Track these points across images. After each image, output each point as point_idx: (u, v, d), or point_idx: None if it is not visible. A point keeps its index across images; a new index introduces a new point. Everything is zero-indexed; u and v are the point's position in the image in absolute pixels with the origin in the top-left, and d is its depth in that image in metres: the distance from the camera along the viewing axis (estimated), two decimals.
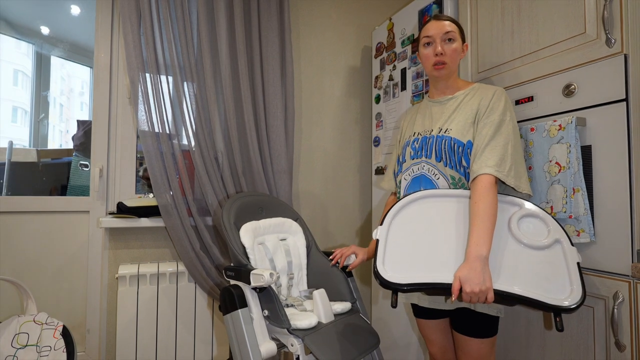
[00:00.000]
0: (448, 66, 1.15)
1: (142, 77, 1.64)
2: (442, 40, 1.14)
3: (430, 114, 1.21)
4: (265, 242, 1.32)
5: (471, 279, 0.89)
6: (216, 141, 1.79)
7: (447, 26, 1.14)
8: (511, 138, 1.05)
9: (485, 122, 1.07)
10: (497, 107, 1.08)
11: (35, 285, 1.64)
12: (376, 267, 0.98)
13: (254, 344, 1.05)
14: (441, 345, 1.24)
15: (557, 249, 0.97)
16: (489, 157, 1.03)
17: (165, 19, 1.68)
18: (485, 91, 1.13)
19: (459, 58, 1.17)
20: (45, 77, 2.31)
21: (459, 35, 1.16)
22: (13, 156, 1.95)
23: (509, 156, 1.03)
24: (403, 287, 0.94)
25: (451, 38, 1.14)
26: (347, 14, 2.26)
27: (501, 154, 1.03)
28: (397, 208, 1.09)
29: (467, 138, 1.10)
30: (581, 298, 0.88)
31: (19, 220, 1.63)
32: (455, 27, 1.15)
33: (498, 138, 1.05)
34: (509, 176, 1.02)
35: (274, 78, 1.87)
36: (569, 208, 1.07)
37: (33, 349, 1.29)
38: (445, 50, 1.14)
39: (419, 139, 1.19)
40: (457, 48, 1.15)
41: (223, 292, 1.11)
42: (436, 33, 1.15)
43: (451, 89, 1.20)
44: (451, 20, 1.16)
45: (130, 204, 1.67)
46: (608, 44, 1.04)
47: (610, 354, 1.02)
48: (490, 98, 1.10)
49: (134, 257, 1.77)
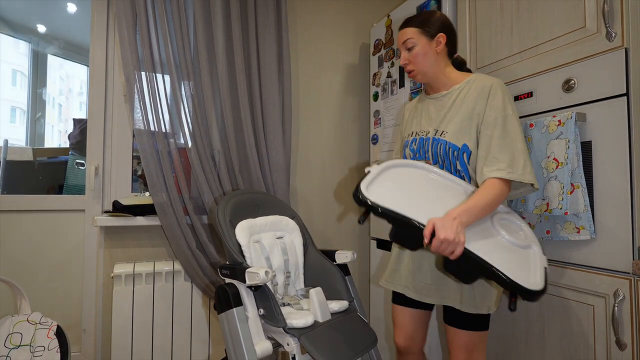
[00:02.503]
0: (417, 71, 1.15)
1: (138, 75, 1.63)
2: (404, 50, 1.16)
3: (428, 112, 1.19)
4: (262, 240, 1.30)
5: (446, 228, 0.88)
6: (213, 139, 1.78)
7: (404, 35, 1.14)
8: (518, 133, 1.03)
9: (487, 123, 1.05)
10: (496, 103, 1.05)
11: (30, 285, 1.62)
12: (359, 185, 0.98)
13: (249, 343, 1.03)
14: (409, 335, 1.21)
15: (529, 251, 0.99)
16: (500, 159, 1.01)
17: (161, 17, 1.67)
18: (481, 86, 1.08)
19: (430, 57, 1.13)
20: (41, 74, 2.29)
21: (421, 35, 1.13)
22: (8, 155, 1.94)
23: (520, 153, 1.01)
24: (378, 208, 0.93)
25: (409, 46, 1.14)
26: (344, 11, 2.25)
27: (511, 153, 1.01)
28: (398, 163, 1.09)
29: (463, 142, 1.08)
30: (541, 289, 0.88)
31: (14, 219, 1.62)
32: (414, 31, 1.13)
33: (505, 137, 1.02)
34: (524, 174, 1.00)
35: (271, 75, 1.85)
36: (565, 205, 1.05)
37: (26, 349, 1.28)
38: (408, 58, 1.15)
39: (416, 139, 1.19)
40: (419, 52, 1.12)
41: (218, 291, 1.09)
42: (399, 44, 1.17)
43: (444, 84, 1.17)
44: (412, 23, 1.14)
45: (126, 202, 1.66)
46: (608, 37, 1.03)
47: (611, 353, 1.00)
48: (487, 95, 1.06)
49: (130, 256, 1.75)
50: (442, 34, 1.13)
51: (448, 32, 1.15)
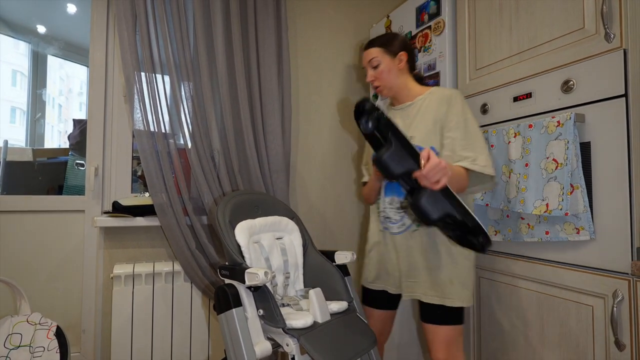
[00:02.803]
0: (383, 86, 1.27)
1: (138, 76, 1.63)
2: (370, 68, 1.28)
3: (399, 122, 1.29)
4: (261, 240, 1.30)
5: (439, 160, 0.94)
6: (212, 140, 1.78)
7: (370, 54, 1.27)
8: (479, 133, 1.16)
9: (450, 127, 1.17)
10: (457, 110, 1.17)
11: (29, 285, 1.62)
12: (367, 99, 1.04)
13: (248, 343, 1.03)
14: (378, 334, 1.33)
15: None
16: (465, 156, 1.13)
17: (160, 17, 1.67)
18: (442, 95, 1.21)
19: (394, 73, 1.26)
20: (41, 75, 2.30)
21: (384, 54, 1.25)
22: (8, 155, 1.94)
23: (481, 150, 1.13)
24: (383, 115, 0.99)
25: (375, 65, 1.26)
26: (344, 12, 2.25)
27: (474, 151, 1.13)
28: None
29: (429, 144, 1.19)
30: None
31: (13, 220, 1.62)
32: (378, 50, 1.25)
33: (468, 138, 1.15)
34: (486, 167, 1.12)
35: (271, 76, 1.85)
36: (565, 205, 1.06)
37: (26, 350, 1.28)
38: (374, 75, 1.27)
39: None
40: (384, 69, 1.25)
41: (217, 291, 1.09)
42: (364, 63, 1.30)
43: (408, 96, 1.28)
44: (376, 44, 1.27)
45: (126, 203, 1.66)
46: (607, 39, 1.03)
47: (610, 353, 1.00)
48: (448, 103, 1.18)
49: (130, 257, 1.75)
50: (404, 52, 1.27)
51: (408, 51, 1.28)
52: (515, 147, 1.20)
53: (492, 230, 1.32)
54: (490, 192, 1.30)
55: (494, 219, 1.32)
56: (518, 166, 1.20)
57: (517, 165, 1.20)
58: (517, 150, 1.20)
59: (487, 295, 1.37)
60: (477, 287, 1.41)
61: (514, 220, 1.25)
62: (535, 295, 1.20)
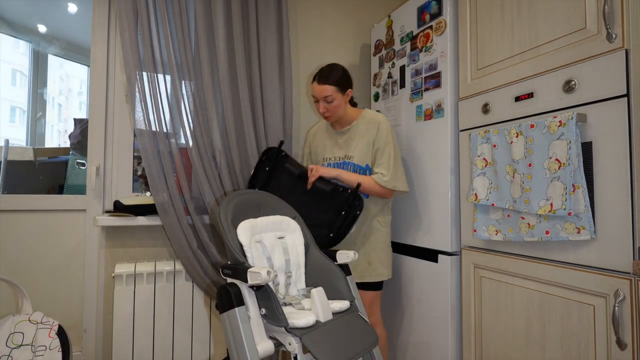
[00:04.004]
0: (332, 116, 1.58)
1: (139, 75, 1.63)
2: (324, 102, 1.53)
3: (337, 143, 1.64)
4: (263, 240, 1.30)
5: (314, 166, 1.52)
6: (214, 139, 1.78)
7: (325, 91, 1.51)
8: (393, 155, 1.52)
9: (377, 149, 1.55)
10: (381, 135, 1.54)
11: (31, 285, 1.62)
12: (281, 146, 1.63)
13: (251, 342, 1.04)
14: None
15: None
16: (383, 173, 1.51)
17: (162, 17, 1.67)
18: (371, 122, 1.57)
19: (342, 105, 1.56)
20: (42, 74, 2.29)
21: (338, 92, 1.52)
22: (9, 155, 1.94)
23: (393, 169, 1.51)
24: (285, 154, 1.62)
25: (330, 100, 1.52)
26: (345, 11, 2.25)
27: (388, 169, 1.51)
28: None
29: (366, 162, 1.56)
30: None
31: (15, 219, 1.62)
32: (333, 89, 1.51)
33: (387, 159, 1.52)
34: (394, 183, 1.51)
35: (272, 75, 1.86)
36: (568, 205, 1.06)
37: (28, 349, 1.28)
38: (327, 108, 1.54)
39: (331, 163, 1.63)
40: (337, 104, 1.54)
41: (220, 291, 1.09)
42: (318, 96, 1.54)
43: (347, 121, 1.62)
44: (330, 82, 1.51)
45: (127, 202, 1.66)
46: (609, 39, 1.03)
47: (612, 353, 1.01)
48: (377, 130, 1.55)
49: (131, 256, 1.75)
50: (350, 89, 1.58)
51: (351, 86, 1.60)
52: (518, 147, 1.21)
53: (493, 230, 1.33)
54: (496, 192, 1.30)
55: (495, 219, 1.32)
56: (521, 166, 1.20)
57: (521, 165, 1.20)
58: (519, 150, 1.20)
59: (488, 295, 1.37)
60: (478, 287, 1.41)
61: (514, 219, 1.25)
62: (536, 294, 1.21)
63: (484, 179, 1.34)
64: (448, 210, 1.53)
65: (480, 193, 1.34)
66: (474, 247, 1.45)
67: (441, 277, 1.55)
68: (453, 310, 1.51)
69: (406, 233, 1.75)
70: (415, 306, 1.68)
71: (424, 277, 1.63)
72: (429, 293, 1.61)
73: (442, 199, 1.56)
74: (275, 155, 1.61)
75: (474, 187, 1.36)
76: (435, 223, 1.59)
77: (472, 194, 1.36)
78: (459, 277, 1.52)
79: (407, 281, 1.73)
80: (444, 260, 1.54)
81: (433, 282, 1.58)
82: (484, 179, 1.34)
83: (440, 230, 1.57)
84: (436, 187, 1.59)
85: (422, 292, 1.65)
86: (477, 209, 1.38)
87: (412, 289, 1.70)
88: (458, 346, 1.51)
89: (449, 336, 1.50)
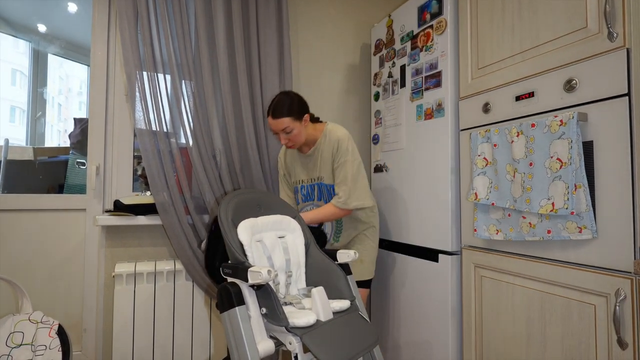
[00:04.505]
0: (296, 144, 1.55)
1: (139, 75, 1.63)
2: (283, 133, 1.51)
3: (306, 166, 1.65)
4: (263, 239, 1.30)
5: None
6: (214, 139, 1.78)
7: (282, 124, 1.48)
8: (350, 173, 1.51)
9: (335, 167, 1.54)
10: (340, 154, 1.52)
11: (31, 284, 1.62)
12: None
13: (251, 342, 1.03)
14: None
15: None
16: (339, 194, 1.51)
17: (162, 16, 1.67)
18: (331, 139, 1.55)
19: (303, 131, 1.53)
20: (42, 74, 2.29)
21: (294, 122, 1.49)
22: (9, 154, 1.93)
23: (349, 189, 1.50)
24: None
25: (288, 131, 1.50)
26: (346, 11, 2.25)
27: (343, 189, 1.50)
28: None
29: (332, 182, 1.58)
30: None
31: (15, 219, 1.62)
32: (288, 120, 1.48)
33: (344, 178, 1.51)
34: (349, 203, 1.50)
35: (272, 75, 1.85)
36: (570, 204, 1.06)
37: (28, 348, 1.28)
38: (287, 138, 1.52)
39: (305, 186, 1.66)
40: (296, 133, 1.51)
41: (220, 290, 1.09)
42: (276, 129, 1.52)
43: (311, 142, 1.60)
44: (284, 114, 1.48)
45: (127, 201, 1.66)
46: (610, 38, 1.03)
47: (612, 352, 1.01)
48: (336, 149, 1.53)
49: (131, 256, 1.75)
50: (307, 114, 1.54)
51: (307, 109, 1.55)
52: (519, 146, 1.20)
53: (494, 229, 1.33)
54: (496, 191, 1.30)
55: (496, 218, 1.32)
56: (522, 165, 1.20)
57: (522, 165, 1.20)
58: (520, 150, 1.20)
59: (489, 294, 1.37)
60: (479, 286, 1.41)
61: (515, 219, 1.25)
62: (537, 294, 1.20)
63: (484, 179, 1.34)
64: (448, 210, 1.53)
65: (481, 192, 1.34)
66: (475, 246, 1.45)
67: (441, 277, 1.54)
68: (454, 310, 1.51)
69: (407, 233, 1.75)
70: (415, 306, 1.68)
71: (425, 276, 1.63)
72: (429, 293, 1.61)
73: (442, 198, 1.56)
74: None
75: (474, 186, 1.36)
76: (435, 223, 1.59)
77: (472, 194, 1.36)
78: (459, 276, 1.52)
79: (407, 281, 1.73)
80: (445, 260, 1.54)
81: (433, 281, 1.58)
82: (484, 178, 1.34)
83: (440, 229, 1.57)
84: (436, 187, 1.59)
85: (422, 291, 1.64)
86: (477, 209, 1.38)
87: (413, 288, 1.70)
88: (459, 346, 1.51)
89: (449, 336, 1.50)
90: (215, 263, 1.51)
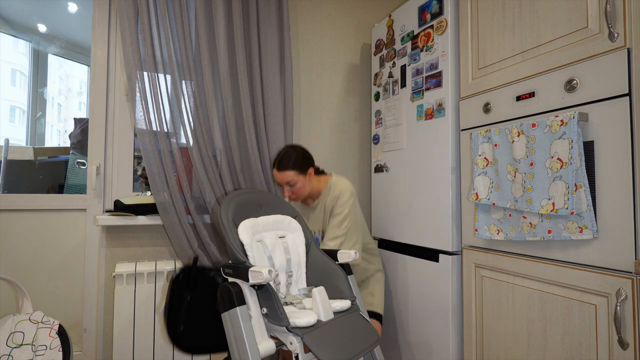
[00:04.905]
0: (300, 197, 1.57)
1: (140, 75, 1.63)
2: (287, 186, 1.54)
3: (314, 218, 1.66)
4: (264, 239, 1.30)
5: None
6: (214, 139, 1.78)
7: (286, 177, 1.52)
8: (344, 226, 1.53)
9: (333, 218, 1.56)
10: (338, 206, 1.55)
11: (31, 284, 1.62)
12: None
13: (252, 342, 1.03)
14: None
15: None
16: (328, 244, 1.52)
17: (162, 16, 1.67)
18: (334, 194, 1.57)
19: (307, 185, 1.56)
20: (42, 74, 2.29)
21: (299, 175, 1.53)
22: (9, 154, 1.93)
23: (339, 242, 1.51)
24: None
25: (292, 184, 1.53)
26: (346, 11, 2.25)
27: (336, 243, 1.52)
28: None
29: None
30: None
31: (15, 218, 1.61)
32: (293, 173, 1.51)
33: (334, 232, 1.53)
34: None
35: (273, 75, 1.85)
36: (570, 204, 1.06)
37: (28, 348, 1.28)
38: (291, 191, 1.55)
39: (317, 238, 1.66)
40: (300, 187, 1.54)
41: (221, 290, 1.09)
42: (280, 181, 1.54)
43: (315, 195, 1.63)
44: (289, 167, 1.51)
45: (128, 201, 1.66)
46: (611, 38, 1.03)
47: (613, 352, 1.01)
48: (336, 203, 1.55)
49: (131, 256, 1.75)
50: (311, 168, 1.57)
51: (312, 163, 1.59)
52: (520, 146, 1.21)
53: (494, 229, 1.33)
54: (497, 191, 1.30)
55: (497, 218, 1.32)
56: (523, 165, 1.20)
57: (522, 165, 1.20)
58: (521, 150, 1.20)
59: (490, 294, 1.37)
60: (479, 286, 1.41)
61: (515, 219, 1.25)
62: (537, 294, 1.20)
63: (484, 179, 1.34)
64: (449, 210, 1.53)
65: (481, 192, 1.34)
66: (475, 246, 1.45)
67: (442, 277, 1.55)
68: (454, 310, 1.51)
69: (407, 232, 1.75)
70: (416, 306, 1.68)
71: (425, 276, 1.63)
72: (430, 293, 1.61)
73: (443, 198, 1.56)
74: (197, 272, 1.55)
75: (474, 186, 1.36)
76: (436, 222, 1.59)
77: (473, 194, 1.36)
78: (460, 276, 1.52)
79: (408, 281, 1.73)
80: (445, 260, 1.54)
81: (434, 281, 1.58)
82: (485, 178, 1.34)
83: (441, 229, 1.57)
84: (437, 187, 1.59)
85: (423, 291, 1.64)
86: (478, 209, 1.38)
87: (413, 288, 1.70)
88: (459, 346, 1.51)
89: (450, 336, 1.50)
90: (179, 327, 1.48)
